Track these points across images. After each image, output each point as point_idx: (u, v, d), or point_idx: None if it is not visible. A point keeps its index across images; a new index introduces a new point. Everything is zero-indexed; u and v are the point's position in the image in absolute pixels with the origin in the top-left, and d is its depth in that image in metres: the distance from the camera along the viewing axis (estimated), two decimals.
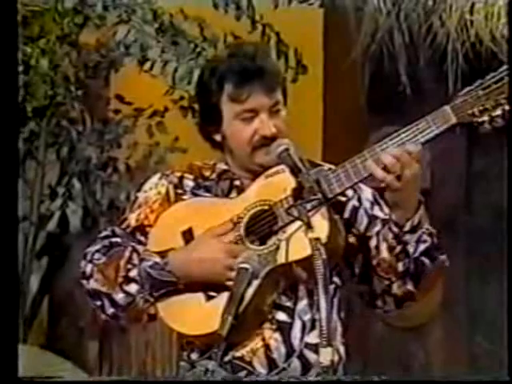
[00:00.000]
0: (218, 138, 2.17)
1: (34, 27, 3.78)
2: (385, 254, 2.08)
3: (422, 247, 2.05)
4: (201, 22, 3.66)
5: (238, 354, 2.09)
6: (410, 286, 2.08)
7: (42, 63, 3.66)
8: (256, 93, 2.08)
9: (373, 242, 2.12)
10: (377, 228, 2.13)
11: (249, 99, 2.08)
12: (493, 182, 4.51)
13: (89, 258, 2.17)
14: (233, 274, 2.00)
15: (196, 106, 2.36)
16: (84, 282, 2.16)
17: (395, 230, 2.05)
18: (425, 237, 2.05)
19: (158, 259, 2.10)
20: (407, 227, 2.03)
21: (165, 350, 4.40)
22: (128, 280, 2.11)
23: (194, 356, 2.15)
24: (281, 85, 2.14)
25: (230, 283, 2.01)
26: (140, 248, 2.14)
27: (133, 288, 2.11)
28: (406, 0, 4.33)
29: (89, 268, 2.15)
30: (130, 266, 2.11)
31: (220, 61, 2.18)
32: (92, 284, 2.14)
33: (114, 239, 2.18)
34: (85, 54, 3.82)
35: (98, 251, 2.16)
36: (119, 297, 2.12)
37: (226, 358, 2.06)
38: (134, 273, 2.11)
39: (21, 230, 3.96)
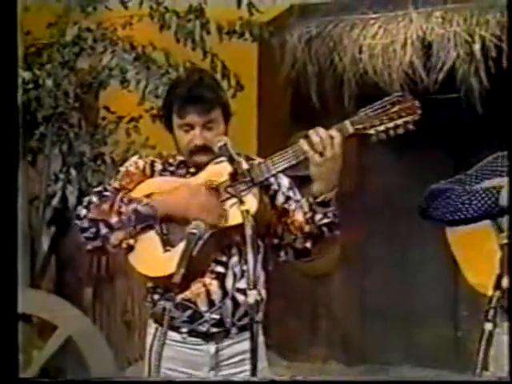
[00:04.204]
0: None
1: (43, 56, 3.69)
2: (298, 216, 2.02)
3: (326, 220, 1.97)
4: (166, 52, 3.58)
5: (186, 297, 2.01)
6: (308, 244, 2.02)
7: (48, 82, 3.56)
8: (191, 113, 2.01)
9: (292, 207, 2.06)
10: (291, 203, 2.07)
11: (187, 117, 2.01)
12: (378, 175, 4.51)
13: (85, 203, 2.05)
14: (192, 211, 1.93)
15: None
16: (78, 222, 2.03)
17: (311, 200, 1.96)
18: (330, 214, 1.97)
19: (144, 198, 2.02)
20: (320, 199, 1.94)
21: (141, 293, 4.29)
22: (120, 213, 2.00)
23: (155, 297, 2.06)
24: (219, 107, 2.04)
25: (190, 218, 1.91)
26: (128, 194, 2.04)
27: (123, 218, 2.00)
28: (315, 41, 4.34)
29: (84, 211, 2.02)
30: (121, 204, 2.01)
31: (176, 86, 2.12)
32: (89, 216, 2.00)
33: (105, 193, 2.07)
34: (80, 76, 3.71)
35: (93, 198, 2.05)
36: (113, 220, 1.99)
37: (178, 300, 1.96)
38: (124, 208, 2.00)
39: (34, 206, 3.87)
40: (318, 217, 1.96)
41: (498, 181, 2.19)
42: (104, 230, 2.00)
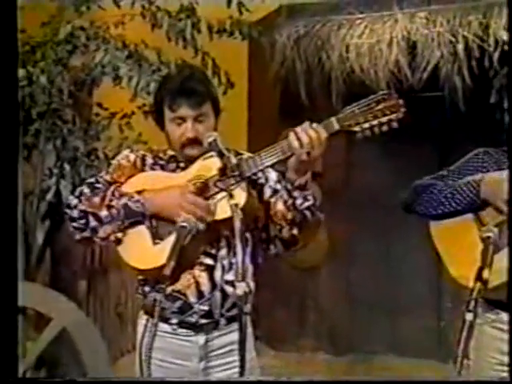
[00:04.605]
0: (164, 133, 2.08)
1: (37, 53, 3.63)
2: (280, 206, 2.00)
3: (306, 204, 1.96)
4: (158, 50, 3.53)
5: (176, 288, 1.99)
6: (295, 231, 2.01)
7: (42, 79, 3.50)
8: (183, 106, 1.99)
9: (273, 199, 2.05)
10: (277, 195, 2.06)
11: (179, 110, 2.00)
12: (364, 171, 4.51)
13: (77, 194, 2.03)
14: (182, 212, 1.90)
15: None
16: (68, 211, 2.01)
17: (289, 187, 1.96)
18: (309, 197, 1.96)
19: (135, 194, 2.00)
20: (296, 183, 1.94)
21: (134, 286, 4.28)
22: (110, 206, 1.99)
23: (146, 289, 2.06)
24: (209, 101, 2.03)
25: (178, 219, 1.88)
26: (120, 188, 2.03)
27: (113, 212, 1.98)
28: (303, 40, 4.32)
29: (75, 201, 2.01)
30: (112, 197, 1.99)
31: (167, 80, 2.10)
32: (80, 207, 1.99)
33: (97, 184, 2.06)
34: (73, 73, 3.66)
35: (84, 189, 2.03)
36: (103, 214, 1.98)
37: (168, 292, 1.94)
38: (115, 202, 1.99)
39: (28, 200, 3.84)
40: (298, 202, 1.96)
41: (480, 176, 2.20)
42: (93, 223, 1.99)
